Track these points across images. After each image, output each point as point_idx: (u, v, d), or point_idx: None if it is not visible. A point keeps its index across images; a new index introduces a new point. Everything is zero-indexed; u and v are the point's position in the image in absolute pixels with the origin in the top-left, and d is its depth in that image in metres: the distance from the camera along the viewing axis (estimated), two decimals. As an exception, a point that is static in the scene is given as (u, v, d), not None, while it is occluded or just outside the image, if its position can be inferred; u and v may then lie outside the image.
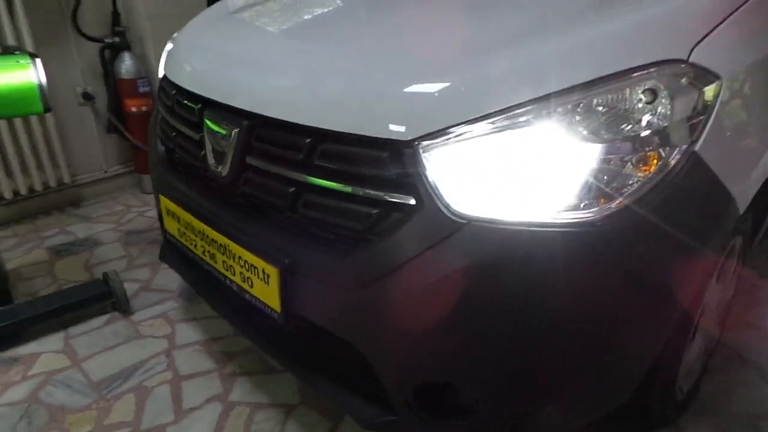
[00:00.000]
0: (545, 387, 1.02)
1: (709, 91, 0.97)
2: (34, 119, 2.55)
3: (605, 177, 0.92)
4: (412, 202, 0.95)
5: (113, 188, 3.01)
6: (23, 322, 1.76)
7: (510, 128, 0.92)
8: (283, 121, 1.08)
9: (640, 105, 0.93)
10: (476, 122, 0.92)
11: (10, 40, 2.42)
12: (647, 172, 0.93)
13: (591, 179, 0.92)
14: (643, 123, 0.93)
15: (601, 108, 0.93)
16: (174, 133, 1.45)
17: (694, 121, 0.95)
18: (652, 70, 0.93)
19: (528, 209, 0.92)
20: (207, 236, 1.30)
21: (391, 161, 0.97)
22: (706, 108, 0.96)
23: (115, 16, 2.78)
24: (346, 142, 1.01)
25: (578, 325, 0.96)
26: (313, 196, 1.07)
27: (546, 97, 0.92)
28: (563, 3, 1.08)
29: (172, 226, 1.48)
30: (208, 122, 1.26)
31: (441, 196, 0.93)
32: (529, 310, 0.93)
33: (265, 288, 1.16)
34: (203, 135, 1.28)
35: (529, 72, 0.94)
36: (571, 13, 1.03)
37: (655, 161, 0.93)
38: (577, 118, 0.92)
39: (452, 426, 1.07)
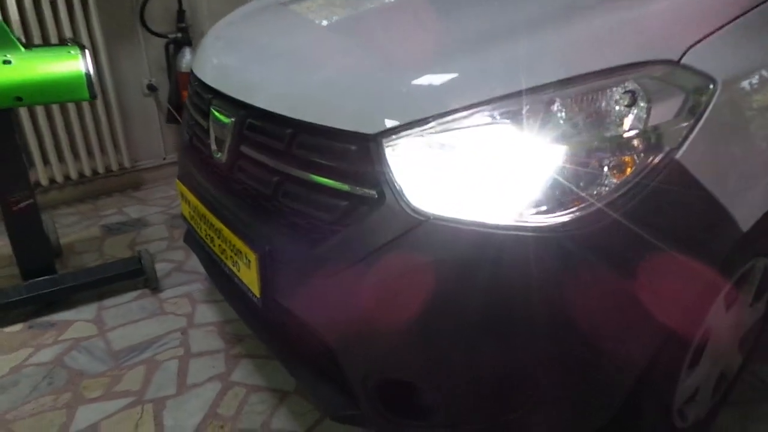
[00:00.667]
0: (507, 397, 0.98)
1: (700, 95, 0.89)
2: (100, 107, 2.77)
3: (574, 180, 0.88)
4: (375, 196, 0.95)
5: (170, 174, 3.21)
6: (61, 291, 1.91)
7: (476, 125, 0.90)
8: (268, 111, 1.11)
9: (616, 106, 0.88)
10: (441, 118, 0.91)
11: (83, 36, 2.64)
12: (619, 178, 0.87)
13: (558, 182, 0.88)
14: (619, 125, 0.87)
15: (574, 107, 0.88)
16: (192, 122, 1.52)
17: (677, 126, 0.88)
18: (632, 70, 0.88)
19: (491, 210, 0.89)
20: (208, 220, 1.36)
21: (358, 154, 0.97)
22: (694, 113, 0.88)
23: (180, 14, 2.96)
24: (319, 134, 1.02)
25: (543, 333, 0.92)
26: (292, 186, 1.10)
27: (516, 95, 0.89)
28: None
29: (185, 210, 1.56)
30: (213, 111, 1.32)
31: (401, 191, 0.93)
32: (486, 316, 0.90)
33: (248, 272, 1.20)
34: (210, 123, 1.34)
35: (499, 68, 0.91)
36: (555, 10, 0.99)
37: (630, 167, 0.87)
38: (548, 116, 0.88)
39: (412, 426, 1.06)
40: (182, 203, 1.59)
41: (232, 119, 1.23)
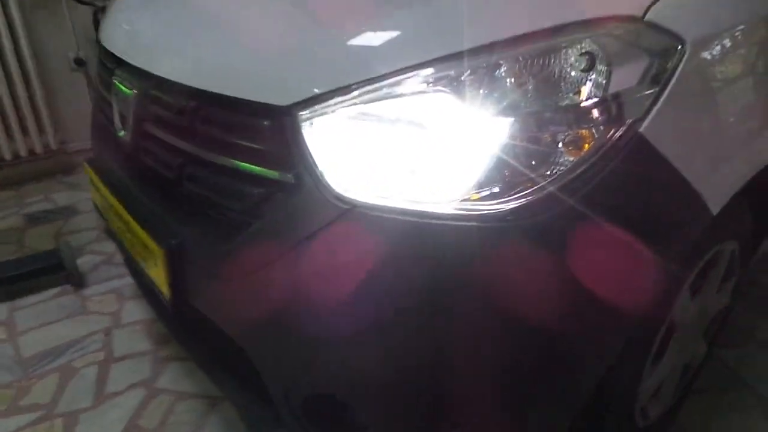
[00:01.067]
0: (452, 412, 0.85)
1: (667, 58, 0.76)
2: (18, 83, 2.50)
3: (523, 159, 0.74)
4: (292, 181, 0.80)
5: (105, 158, 2.96)
6: (-36, 290, 1.70)
7: (408, 94, 0.75)
8: (170, 81, 0.94)
9: (571, 71, 0.74)
10: (366, 85, 0.75)
11: (-4, 1, 2.36)
12: (576, 155, 0.74)
13: (505, 161, 0.74)
14: (574, 93, 0.74)
15: (522, 72, 0.74)
16: (99, 97, 1.33)
17: (641, 94, 0.75)
18: (589, 28, 0.74)
19: (426, 196, 0.75)
20: (116, 211, 1.18)
21: (270, 131, 0.81)
22: (660, 79, 0.76)
23: (109, -20, 2.70)
24: (225, 107, 0.86)
25: (490, 340, 0.79)
26: (199, 170, 0.93)
27: (454, 57, 0.74)
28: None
29: (96, 198, 1.37)
30: (115, 83, 1.13)
31: (321, 174, 0.77)
32: (422, 321, 0.76)
33: (157, 270, 1.03)
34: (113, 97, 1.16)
35: (434, 25, 0.76)
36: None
37: (586, 142, 0.74)
38: (493, 83, 0.74)
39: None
40: (92, 190, 1.40)
41: (134, 91, 1.05)
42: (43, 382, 1.46)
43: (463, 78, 0.74)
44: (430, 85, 0.75)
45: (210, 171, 0.91)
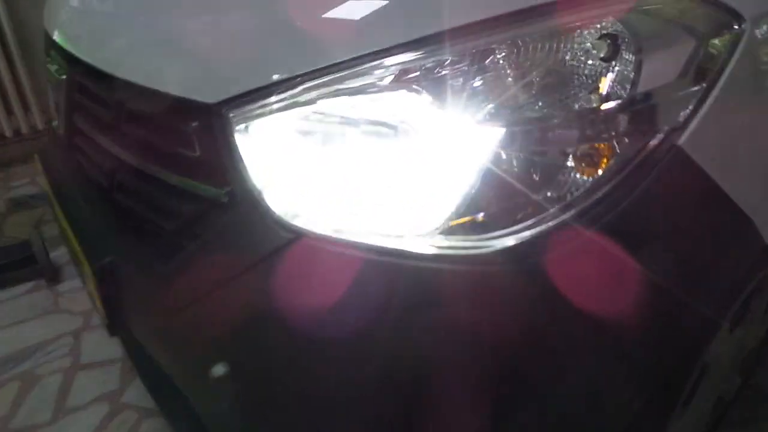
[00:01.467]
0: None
1: (720, 42, 0.57)
2: (0, 60, 2.35)
3: (523, 180, 0.56)
4: (224, 199, 0.63)
5: (97, 137, 2.82)
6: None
7: (370, 91, 0.57)
8: (94, 67, 0.77)
9: (588, 60, 0.55)
10: (314, 78, 0.57)
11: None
12: (591, 176, 0.56)
13: (497, 182, 0.56)
14: (591, 91, 0.55)
15: (522, 62, 0.56)
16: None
17: (683, 93, 0.56)
18: (612, 1, 0.55)
19: (395, 228, 0.58)
20: (56, 212, 1.04)
21: (199, 136, 0.64)
22: (708, 72, 0.56)
23: (96, -54, 2.51)
24: (150, 103, 0.69)
25: (472, 400, 0.62)
26: (127, 177, 0.77)
27: (431, 41, 0.55)
28: None
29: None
30: (49, 67, 0.97)
31: (259, 193, 0.60)
32: (382, 387, 0.59)
33: (92, 288, 0.88)
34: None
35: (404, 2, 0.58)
36: None
37: (606, 158, 0.56)
38: (483, 77, 0.56)
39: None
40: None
41: (63, 77, 0.89)
42: (1, 391, 1.34)
43: (442, 70, 0.56)
44: (399, 79, 0.57)
45: (139, 179, 0.75)
